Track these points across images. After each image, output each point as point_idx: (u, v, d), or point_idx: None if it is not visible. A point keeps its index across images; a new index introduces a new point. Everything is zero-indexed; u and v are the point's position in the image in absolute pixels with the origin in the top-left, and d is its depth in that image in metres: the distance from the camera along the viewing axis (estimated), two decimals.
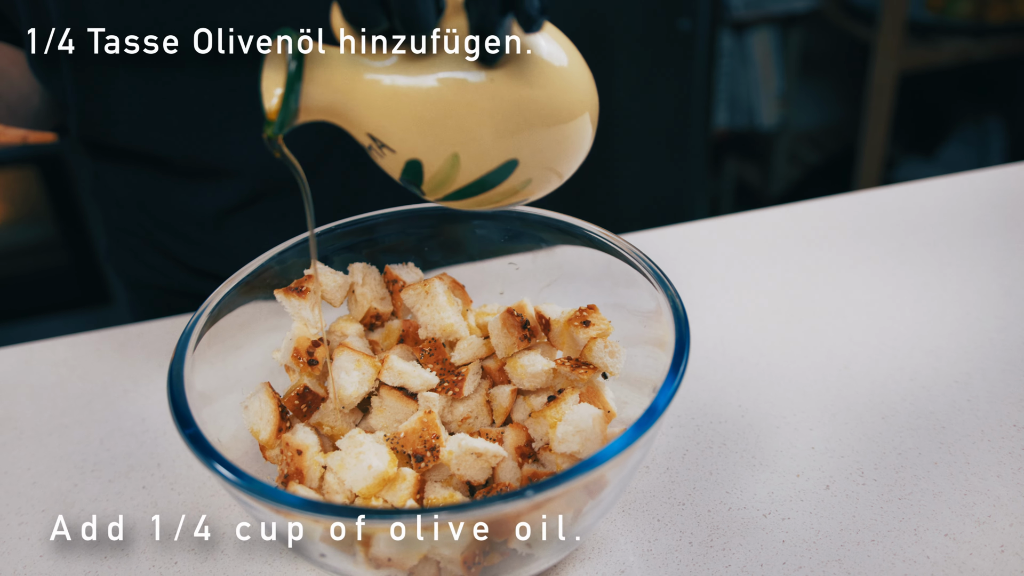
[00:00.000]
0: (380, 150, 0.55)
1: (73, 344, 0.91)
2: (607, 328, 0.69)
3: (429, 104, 0.52)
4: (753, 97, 2.65)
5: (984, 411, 0.76)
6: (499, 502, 0.49)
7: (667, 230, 1.05)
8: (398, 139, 0.53)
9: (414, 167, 0.54)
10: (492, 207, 0.59)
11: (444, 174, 0.54)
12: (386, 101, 0.52)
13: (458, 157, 0.53)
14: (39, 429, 0.81)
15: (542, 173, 0.57)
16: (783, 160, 2.81)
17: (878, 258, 0.97)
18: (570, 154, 0.57)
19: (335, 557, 0.58)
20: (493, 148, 0.54)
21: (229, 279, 0.70)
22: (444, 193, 0.57)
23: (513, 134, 0.53)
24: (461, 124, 0.52)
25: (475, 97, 0.52)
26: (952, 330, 0.86)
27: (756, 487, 0.71)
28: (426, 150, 0.53)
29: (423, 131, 0.52)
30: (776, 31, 2.54)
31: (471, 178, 0.55)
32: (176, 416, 0.57)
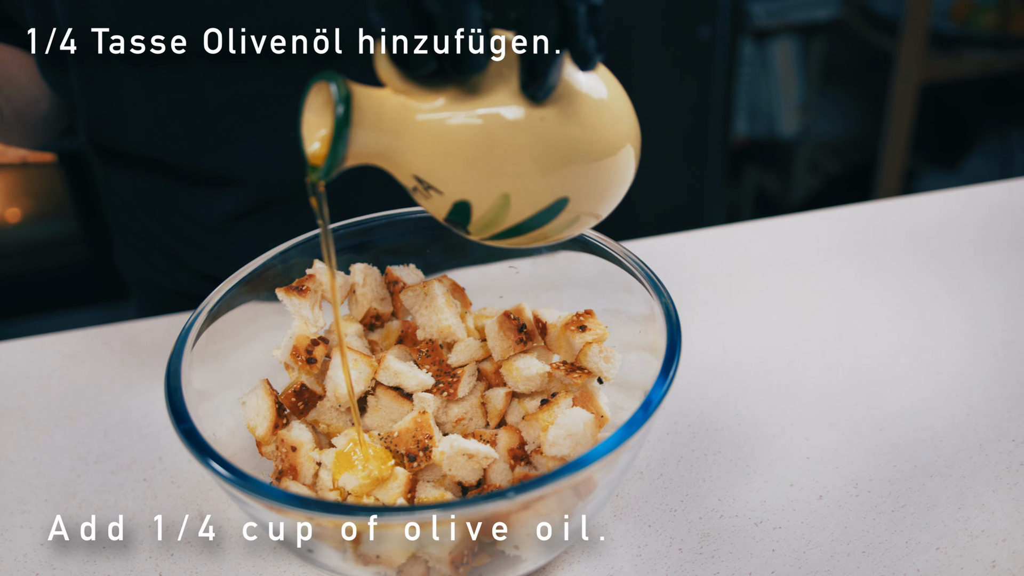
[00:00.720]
0: (426, 192, 0.53)
1: (82, 338, 0.93)
2: (603, 333, 0.70)
3: (479, 144, 0.50)
4: (774, 106, 2.64)
5: (983, 425, 0.76)
6: (480, 503, 0.49)
7: (676, 236, 1.05)
8: (446, 181, 0.52)
9: (462, 208, 0.53)
10: (539, 244, 0.58)
11: (493, 214, 0.53)
12: (435, 143, 0.51)
13: (508, 197, 0.52)
14: (45, 420, 0.82)
15: (590, 208, 0.56)
16: (803, 169, 2.80)
17: (886, 268, 0.97)
18: (617, 187, 0.56)
19: (324, 553, 0.59)
20: (544, 187, 0.52)
21: (231, 277, 0.71)
22: (491, 233, 0.55)
23: (563, 172, 0.52)
24: (512, 164, 0.51)
25: (526, 136, 0.51)
26: (956, 342, 0.86)
27: (749, 495, 0.71)
28: (475, 191, 0.52)
29: (473, 172, 0.51)
30: (798, 40, 2.53)
31: (521, 218, 0.54)
32: (172, 411, 0.58)
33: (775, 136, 2.68)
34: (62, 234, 2.31)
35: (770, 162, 2.89)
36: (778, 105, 2.64)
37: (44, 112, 0.92)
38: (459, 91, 0.51)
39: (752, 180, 2.93)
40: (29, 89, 0.89)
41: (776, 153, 2.84)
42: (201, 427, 0.61)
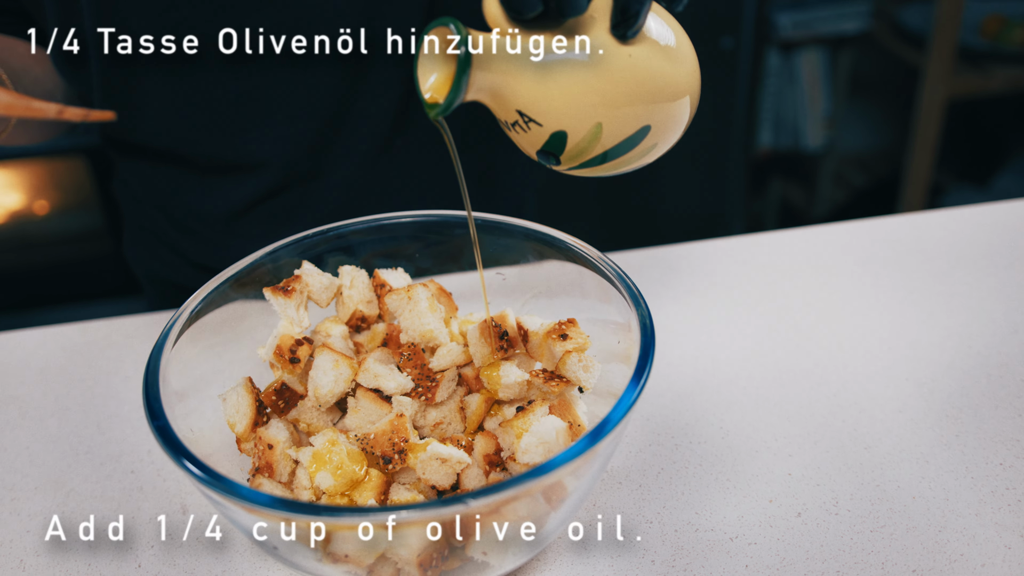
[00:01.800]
0: (526, 125, 0.60)
1: (84, 331, 0.95)
2: (584, 343, 0.70)
3: (577, 80, 0.57)
4: (799, 118, 2.62)
5: (971, 447, 0.75)
6: (434, 507, 0.50)
7: (679, 247, 1.05)
8: (546, 113, 0.58)
9: (559, 138, 0.60)
10: (619, 170, 0.64)
11: (586, 143, 0.60)
12: (537, 79, 0.57)
13: (601, 126, 0.59)
14: (42, 410, 0.84)
15: (665, 136, 0.63)
16: (828, 182, 2.78)
17: (883, 286, 0.96)
18: (684, 121, 0.63)
19: (292, 551, 0.59)
20: (632, 117, 0.59)
21: (219, 275, 0.72)
22: (580, 161, 0.62)
23: (647, 104, 0.59)
24: (605, 97, 0.58)
25: (618, 72, 0.58)
26: (950, 362, 0.85)
27: (727, 510, 0.70)
28: (572, 122, 0.59)
29: (570, 104, 0.58)
30: (825, 52, 2.51)
31: (609, 145, 0.61)
32: (147, 408, 0.59)
33: (800, 148, 2.66)
34: (87, 228, 2.35)
35: (795, 174, 2.87)
36: (804, 117, 2.62)
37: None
38: (557, 32, 0.58)
39: (777, 192, 2.91)
40: (44, 82, 0.91)
41: (801, 165, 2.81)
42: (181, 423, 0.62)
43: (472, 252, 0.78)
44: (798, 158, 2.77)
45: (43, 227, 2.36)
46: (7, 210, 2.32)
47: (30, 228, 2.35)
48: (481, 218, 0.77)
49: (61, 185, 2.30)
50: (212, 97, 0.91)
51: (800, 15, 2.41)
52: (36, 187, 2.31)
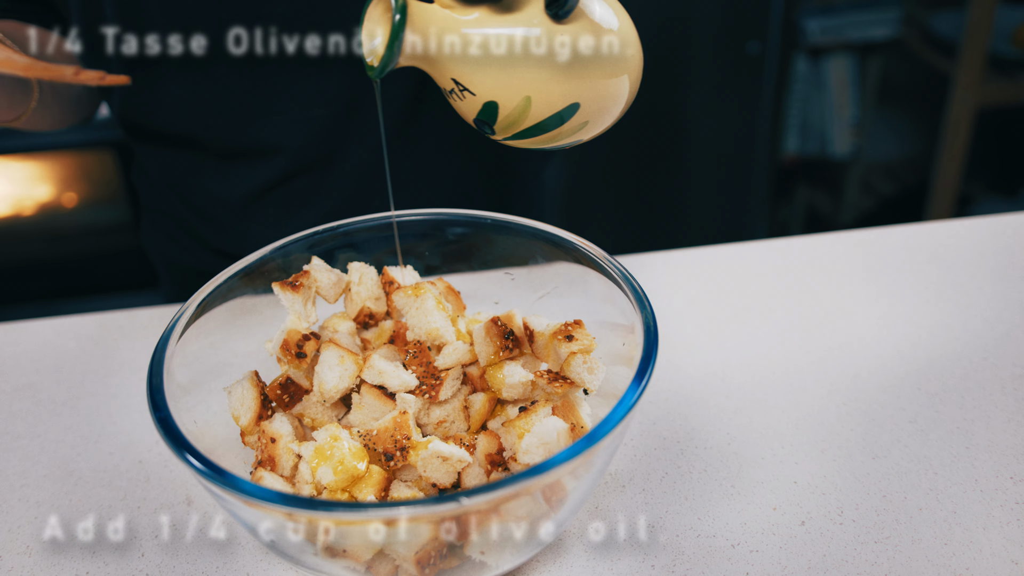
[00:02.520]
0: (461, 93, 0.63)
1: (100, 322, 0.96)
2: (590, 344, 0.70)
3: (508, 53, 0.61)
4: (826, 124, 2.60)
5: (982, 460, 0.74)
6: (428, 504, 0.50)
7: (695, 250, 1.04)
8: (479, 83, 0.62)
9: (490, 108, 0.63)
10: (552, 144, 0.67)
11: (516, 114, 0.63)
12: (471, 50, 0.61)
13: (530, 100, 0.62)
14: (55, 399, 0.85)
15: (597, 116, 0.65)
16: (856, 189, 2.75)
17: (899, 294, 0.95)
18: (620, 101, 0.66)
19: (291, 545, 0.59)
20: (560, 93, 0.62)
21: (227, 269, 0.73)
22: (513, 131, 0.65)
23: (577, 81, 0.62)
24: (534, 72, 0.61)
25: (548, 49, 0.61)
26: (964, 373, 0.83)
27: (730, 516, 0.70)
28: (502, 93, 0.62)
29: (501, 77, 0.61)
30: (854, 58, 2.49)
31: (539, 118, 0.63)
32: (150, 399, 0.60)
33: (827, 155, 2.64)
34: (113, 221, 2.37)
35: (822, 181, 2.84)
36: (831, 124, 2.59)
37: (78, 93, 0.95)
38: (495, 7, 0.61)
39: (803, 199, 2.88)
40: None
41: (828, 172, 2.79)
42: (185, 416, 0.63)
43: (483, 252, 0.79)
44: (825, 165, 2.75)
45: (71, 219, 2.39)
46: (37, 202, 2.36)
47: (59, 220, 2.38)
48: (491, 217, 0.78)
49: (90, 178, 2.33)
50: (227, 84, 0.93)
51: (829, 21, 2.38)
52: (65, 180, 2.34)
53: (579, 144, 0.68)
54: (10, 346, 0.93)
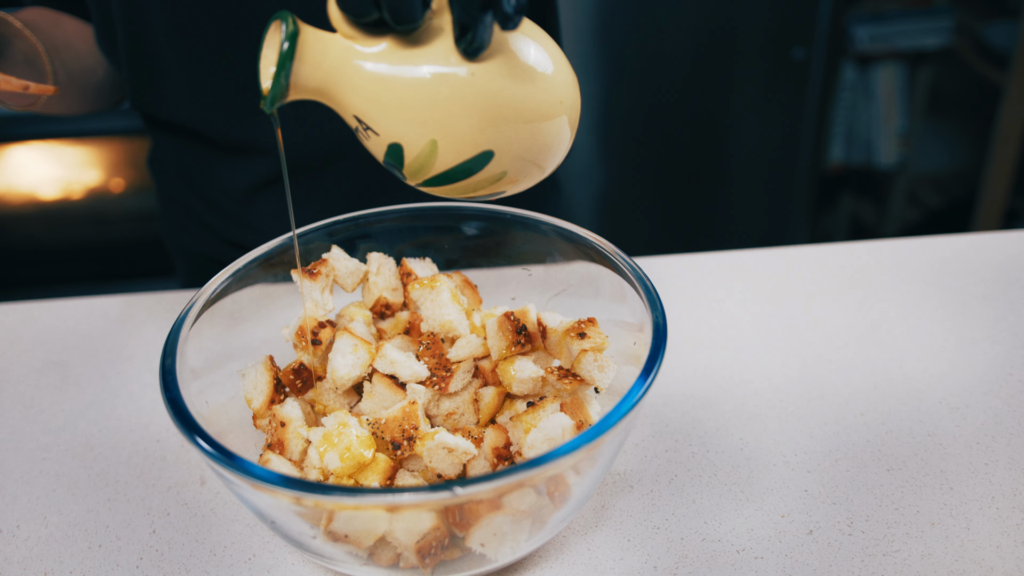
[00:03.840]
0: (365, 132, 0.57)
1: (129, 303, 0.98)
2: (602, 343, 0.70)
3: (411, 92, 0.54)
4: (873, 133, 2.56)
5: (1000, 478, 0.73)
6: (421, 492, 0.50)
7: (726, 254, 1.04)
8: (381, 123, 0.56)
9: (395, 151, 0.57)
10: (470, 195, 0.60)
11: (423, 160, 0.57)
12: (371, 85, 0.54)
13: (436, 144, 0.55)
14: (80, 376, 0.87)
15: (518, 166, 0.58)
16: (901, 200, 2.70)
17: (927, 306, 0.93)
18: (546, 152, 0.59)
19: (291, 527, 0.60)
20: (470, 138, 0.55)
21: (247, 254, 0.74)
22: (423, 178, 0.58)
23: (490, 127, 0.55)
24: (441, 113, 0.54)
25: (455, 89, 0.54)
26: (988, 389, 0.82)
27: (736, 522, 0.69)
28: (406, 135, 0.55)
29: (404, 117, 0.55)
30: (903, 67, 2.44)
31: (448, 165, 0.57)
32: (162, 379, 0.61)
33: (872, 165, 2.60)
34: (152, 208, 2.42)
35: (867, 191, 2.80)
36: (878, 133, 2.55)
37: (99, 81, 0.97)
38: (400, 41, 0.54)
39: (847, 208, 2.84)
40: (86, 58, 0.94)
41: (873, 182, 2.74)
42: (197, 397, 0.64)
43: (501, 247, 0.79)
44: (870, 175, 2.70)
45: (118, 204, 2.44)
46: (85, 186, 2.41)
47: (106, 204, 2.44)
48: (510, 213, 0.78)
49: (137, 164, 2.37)
50: (226, 78, 0.94)
51: (878, 28, 2.35)
52: (113, 165, 2.40)
53: (502, 196, 0.62)
54: (41, 324, 0.95)
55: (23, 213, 2.42)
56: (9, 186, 2.38)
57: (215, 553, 0.68)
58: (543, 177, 0.61)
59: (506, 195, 0.62)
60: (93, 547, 0.69)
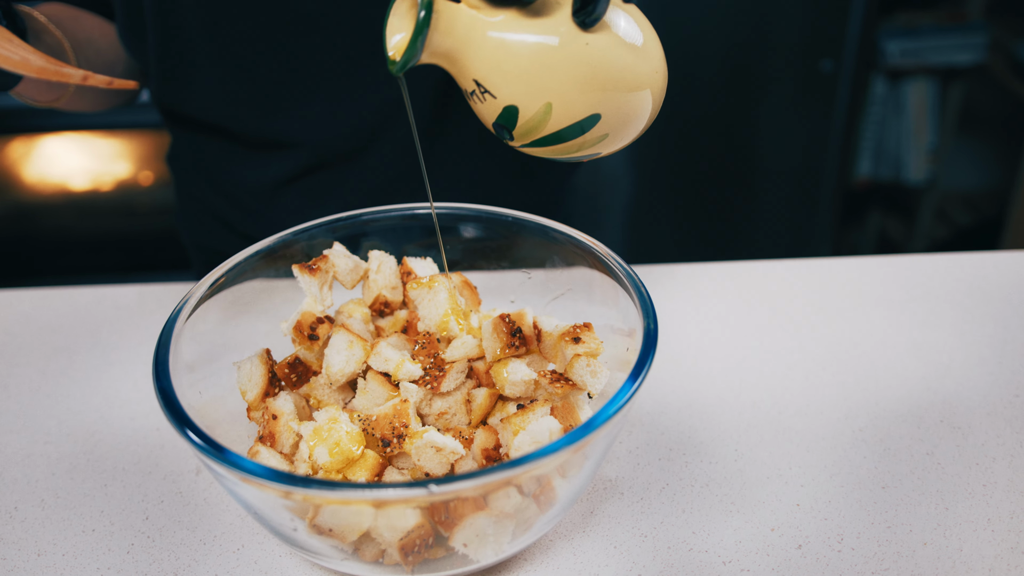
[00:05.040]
0: (482, 95, 0.62)
1: (140, 293, 0.99)
2: (596, 348, 0.70)
3: (532, 58, 0.59)
4: (903, 149, 2.53)
5: (998, 500, 0.71)
6: (394, 489, 0.51)
7: (735, 264, 1.03)
8: (500, 86, 0.61)
9: (511, 112, 0.62)
10: (570, 155, 0.65)
11: (536, 121, 0.62)
12: (495, 52, 0.60)
13: (551, 107, 0.61)
14: (87, 363, 0.89)
15: (619, 129, 0.64)
16: (930, 217, 2.67)
17: (936, 324, 0.92)
18: (643, 116, 0.65)
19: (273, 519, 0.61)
20: (581, 102, 0.61)
21: (249, 247, 0.75)
22: (532, 139, 0.63)
23: (600, 92, 0.61)
24: (557, 78, 0.60)
25: (572, 57, 0.59)
26: (992, 410, 0.81)
27: (725, 533, 0.69)
28: (524, 98, 0.61)
29: (524, 81, 0.60)
30: (935, 83, 2.42)
31: (559, 127, 0.62)
32: (154, 368, 0.61)
33: (901, 180, 2.57)
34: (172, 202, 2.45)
35: (895, 207, 2.76)
36: (907, 149, 2.52)
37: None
38: (522, 12, 0.60)
39: (875, 224, 2.81)
40: (107, 53, 0.96)
41: (902, 198, 2.71)
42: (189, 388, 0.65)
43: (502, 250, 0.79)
44: (899, 190, 2.67)
45: (146, 197, 2.47)
46: (115, 178, 2.45)
47: (134, 197, 2.47)
48: (511, 215, 0.78)
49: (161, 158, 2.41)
50: (256, 75, 0.95)
51: (910, 43, 2.32)
52: (143, 158, 2.43)
53: (596, 157, 0.67)
54: (53, 310, 0.97)
55: (54, 203, 2.46)
56: (42, 176, 2.43)
57: (205, 542, 0.69)
58: (632, 140, 0.67)
59: (599, 156, 0.67)
60: (87, 531, 0.70)
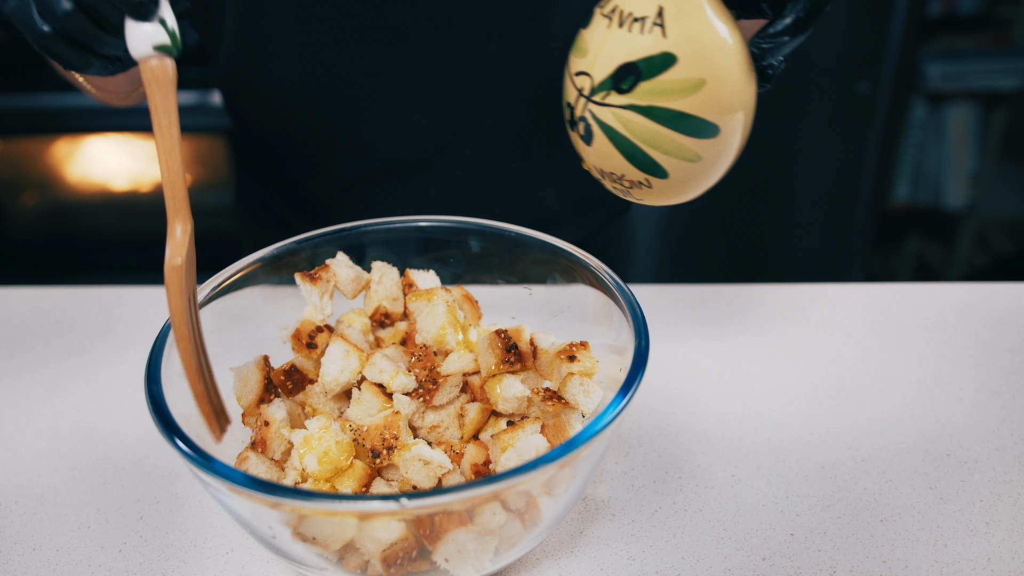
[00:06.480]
0: (651, 26, 0.59)
1: (157, 294, 1.01)
2: (591, 367, 0.69)
3: (724, 39, 0.59)
4: (943, 174, 2.48)
5: (1000, 539, 0.70)
6: (368, 500, 0.51)
7: (749, 287, 1.02)
8: (679, 33, 0.58)
9: (665, 59, 0.59)
10: (657, 150, 0.62)
11: (679, 86, 0.59)
12: (698, 9, 0.59)
13: (704, 83, 0.59)
14: (100, 361, 0.90)
15: (712, 157, 0.63)
16: (969, 244, 2.61)
17: (948, 354, 0.90)
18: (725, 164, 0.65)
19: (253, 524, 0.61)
20: (723, 103, 0.60)
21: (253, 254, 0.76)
22: (649, 102, 0.60)
23: (736, 110, 0.61)
24: (727, 69, 0.59)
25: (739, 68, 0.60)
26: (1001, 445, 0.79)
27: (715, 560, 0.68)
28: (691, 57, 0.59)
29: (703, 46, 0.59)
30: (977, 107, 2.37)
31: (688, 109, 0.60)
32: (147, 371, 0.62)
33: (940, 206, 2.52)
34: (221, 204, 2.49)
35: (934, 232, 2.71)
36: (947, 174, 2.48)
37: None
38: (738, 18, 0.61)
39: (913, 248, 2.76)
40: None
41: (941, 223, 2.66)
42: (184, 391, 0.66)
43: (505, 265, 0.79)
44: (937, 215, 2.62)
45: None
46: (154, 179, 2.49)
47: None
48: (513, 231, 0.78)
49: (203, 161, 2.45)
50: (335, 74, 0.96)
51: (952, 67, 2.28)
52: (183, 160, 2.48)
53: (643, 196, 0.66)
54: (70, 309, 0.99)
55: (95, 202, 2.51)
56: (84, 176, 2.48)
57: (195, 544, 0.70)
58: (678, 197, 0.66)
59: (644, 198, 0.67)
60: (82, 528, 0.71)
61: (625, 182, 0.66)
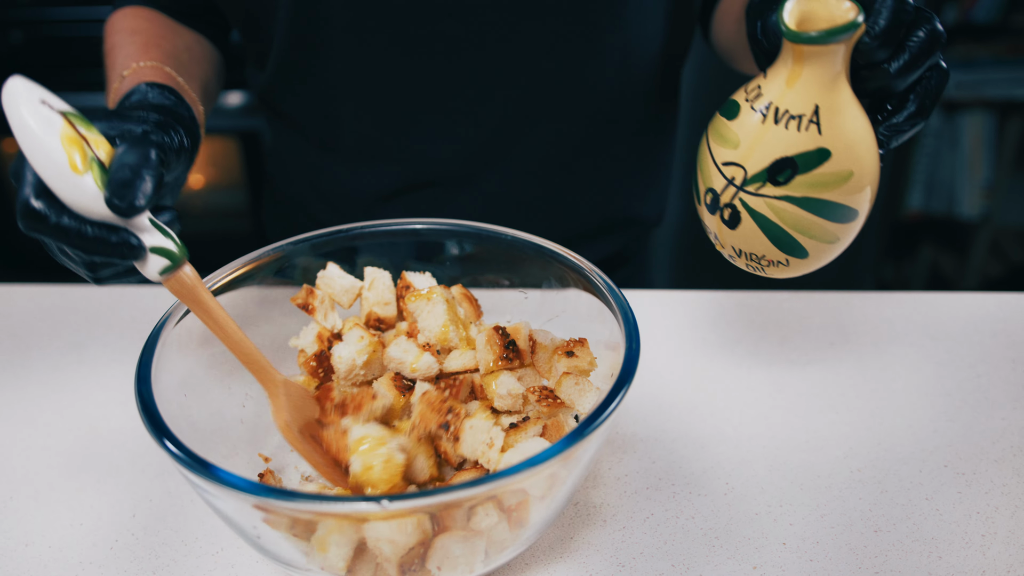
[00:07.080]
0: (807, 124, 0.60)
1: (158, 294, 1.01)
2: (588, 365, 0.69)
3: (861, 137, 0.61)
4: (956, 183, 2.46)
5: (995, 552, 0.69)
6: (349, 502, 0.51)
7: (749, 294, 1.01)
8: (833, 128, 0.60)
9: (820, 154, 0.61)
10: (804, 235, 0.64)
11: (830, 178, 0.61)
12: (850, 104, 0.61)
13: (852, 175, 0.61)
14: (97, 360, 0.91)
15: (848, 239, 0.65)
16: (983, 253, 2.59)
17: (950, 365, 0.89)
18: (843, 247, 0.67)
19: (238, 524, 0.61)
20: (860, 193, 0.63)
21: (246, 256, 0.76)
22: (799, 193, 0.62)
23: (870, 201, 0.64)
24: (865, 162, 0.62)
25: (875, 157, 0.62)
26: (1000, 456, 0.78)
27: (705, 568, 0.67)
28: (843, 152, 0.61)
29: (856, 139, 0.61)
30: (992, 117, 2.35)
31: (835, 197, 0.62)
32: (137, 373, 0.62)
33: (954, 215, 2.50)
34: (234, 205, 2.50)
35: (948, 242, 2.69)
36: (962, 183, 2.46)
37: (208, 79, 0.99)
38: None
39: (926, 257, 2.74)
40: (202, 63, 0.97)
41: (954, 233, 2.64)
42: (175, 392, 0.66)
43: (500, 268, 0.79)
44: (951, 225, 2.60)
45: (197, 200, 2.53)
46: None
47: (186, 200, 2.53)
48: (509, 235, 0.78)
49: (216, 163, 2.46)
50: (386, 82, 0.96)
51: (968, 75, 2.27)
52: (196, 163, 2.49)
53: (784, 272, 0.67)
54: (71, 307, 1.00)
55: None
56: None
57: (186, 543, 0.70)
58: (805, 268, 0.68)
59: (780, 269, 0.68)
60: (75, 524, 0.72)
61: (764, 262, 0.67)
